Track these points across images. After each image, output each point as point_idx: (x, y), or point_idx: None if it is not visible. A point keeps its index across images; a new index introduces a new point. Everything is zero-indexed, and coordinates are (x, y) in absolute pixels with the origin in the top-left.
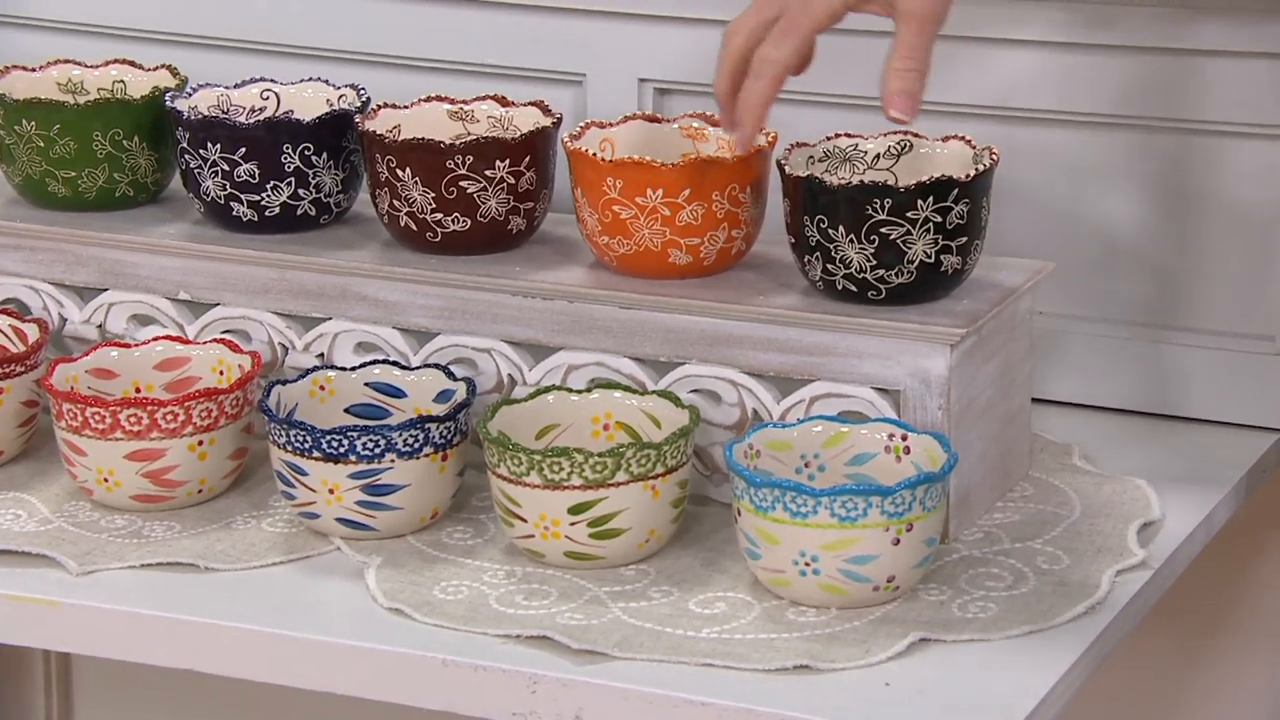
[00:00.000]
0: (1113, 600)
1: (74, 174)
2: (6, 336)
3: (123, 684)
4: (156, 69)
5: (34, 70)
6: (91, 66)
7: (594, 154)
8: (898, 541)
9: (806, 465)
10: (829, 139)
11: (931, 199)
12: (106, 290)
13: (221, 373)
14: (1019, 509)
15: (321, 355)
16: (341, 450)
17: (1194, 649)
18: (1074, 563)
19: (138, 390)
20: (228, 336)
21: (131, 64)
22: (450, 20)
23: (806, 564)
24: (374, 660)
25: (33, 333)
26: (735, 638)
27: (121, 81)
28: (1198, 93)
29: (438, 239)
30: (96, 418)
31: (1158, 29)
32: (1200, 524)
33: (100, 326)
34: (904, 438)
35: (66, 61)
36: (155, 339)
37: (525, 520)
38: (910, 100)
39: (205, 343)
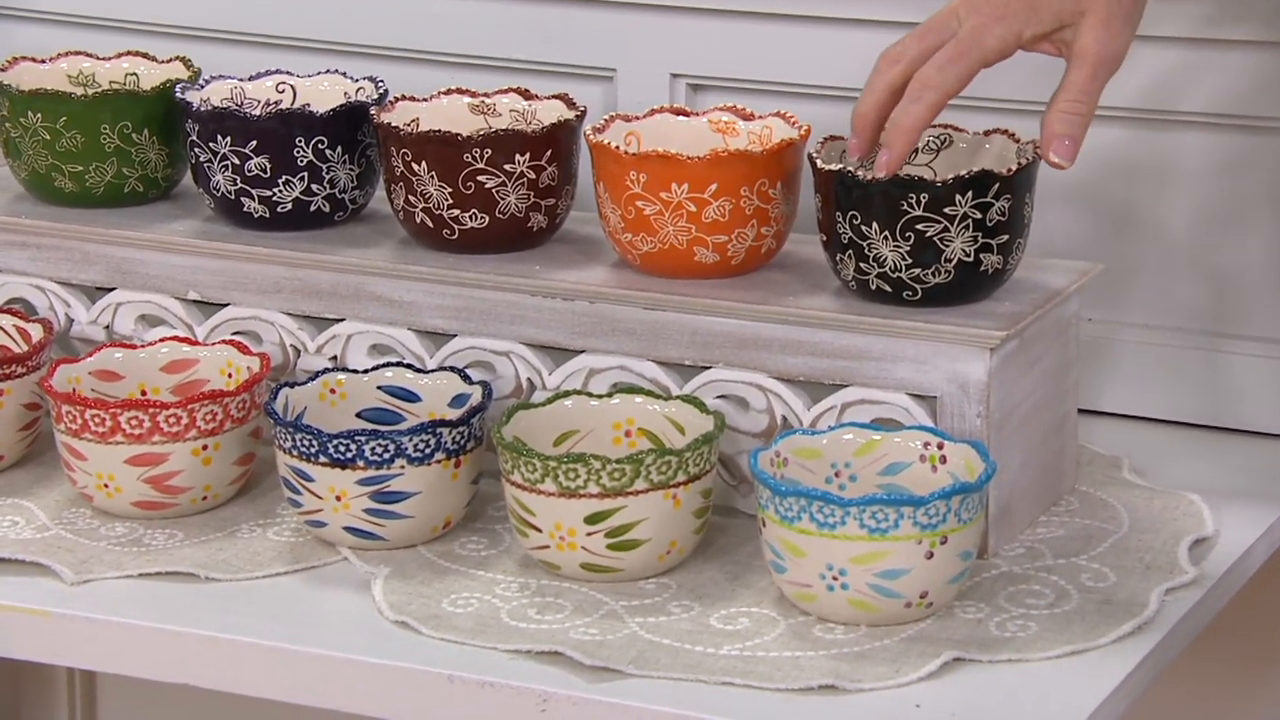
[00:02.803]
0: (1161, 620)
1: (81, 168)
2: (10, 337)
3: (149, 699)
4: (169, 61)
5: (43, 62)
6: (103, 59)
7: (616, 146)
8: (931, 555)
9: (837, 475)
10: None
11: (971, 194)
12: (114, 290)
13: (230, 375)
14: (1064, 523)
15: (334, 358)
16: (349, 455)
17: (1248, 674)
18: (1121, 580)
19: (144, 393)
20: (238, 338)
21: (144, 56)
22: (476, 13)
23: (834, 578)
24: (377, 676)
25: (37, 333)
26: (758, 655)
27: (134, 74)
28: (1258, 90)
29: (455, 236)
30: (96, 420)
31: (1210, 22)
32: (1256, 541)
33: (108, 327)
34: (940, 446)
35: (77, 53)
36: (161, 340)
37: (540, 530)
38: (1073, 147)
39: (213, 344)
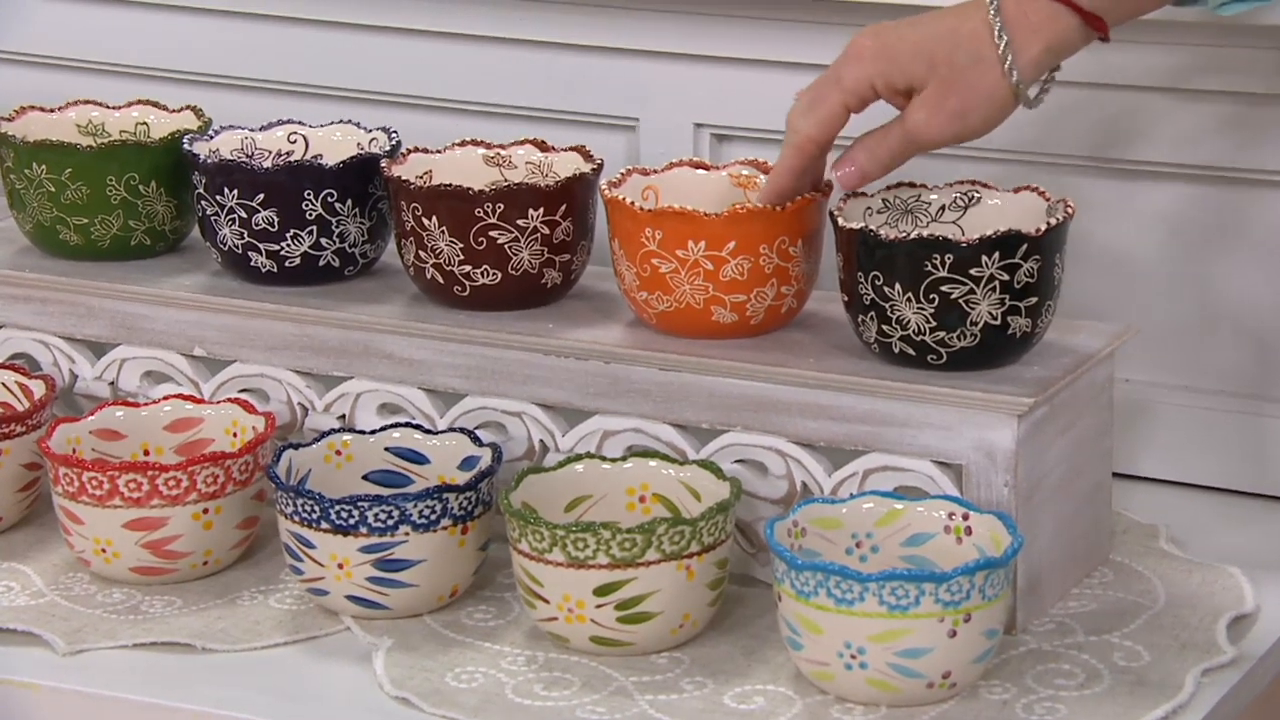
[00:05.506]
0: (1197, 703)
1: (86, 221)
2: (12, 393)
3: None
4: (180, 110)
5: (52, 111)
6: (113, 107)
7: (632, 202)
8: (954, 633)
9: (858, 545)
10: (889, 188)
11: (998, 255)
12: (119, 345)
13: (235, 434)
14: (1096, 597)
15: (343, 417)
16: (351, 521)
17: None
18: (1155, 659)
19: (146, 453)
20: (244, 395)
21: (155, 105)
22: (496, 61)
23: (853, 656)
24: None
25: (39, 389)
26: None
27: (144, 123)
28: None
29: (466, 293)
30: (94, 483)
31: (1259, 75)
32: None
33: (112, 384)
34: (965, 517)
35: (87, 102)
36: (165, 398)
37: (548, 601)
38: (858, 175)
39: (218, 402)
